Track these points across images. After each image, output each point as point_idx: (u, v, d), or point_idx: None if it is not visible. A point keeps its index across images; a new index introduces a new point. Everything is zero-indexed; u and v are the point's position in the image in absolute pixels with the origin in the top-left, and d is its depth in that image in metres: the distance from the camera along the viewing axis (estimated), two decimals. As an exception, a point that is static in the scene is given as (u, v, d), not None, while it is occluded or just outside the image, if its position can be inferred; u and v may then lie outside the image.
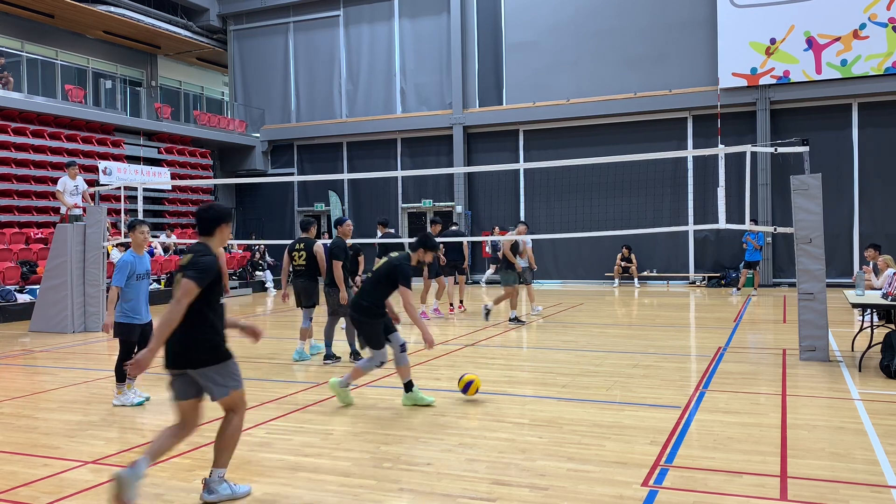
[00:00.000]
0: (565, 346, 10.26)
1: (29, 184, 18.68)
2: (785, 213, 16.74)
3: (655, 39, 20.81)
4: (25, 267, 15.89)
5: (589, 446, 5.34)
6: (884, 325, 8.43)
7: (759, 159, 19.26)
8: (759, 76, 19.36)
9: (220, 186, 26.07)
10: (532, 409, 6.59)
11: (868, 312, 8.71)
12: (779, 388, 7.21)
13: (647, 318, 13.06)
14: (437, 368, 8.58)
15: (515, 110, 22.28)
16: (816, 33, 18.80)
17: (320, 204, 24.98)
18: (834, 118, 19.33)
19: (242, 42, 26.38)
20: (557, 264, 22.05)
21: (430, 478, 4.74)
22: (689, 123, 20.76)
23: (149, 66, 27.16)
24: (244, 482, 4.68)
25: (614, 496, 4.35)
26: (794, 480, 4.56)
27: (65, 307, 12.41)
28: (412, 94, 23.85)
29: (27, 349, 10.88)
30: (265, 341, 11.14)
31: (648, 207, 20.24)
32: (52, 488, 4.68)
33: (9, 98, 18.60)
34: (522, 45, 22.28)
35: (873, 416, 6.02)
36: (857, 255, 18.86)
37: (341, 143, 24.93)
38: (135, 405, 6.93)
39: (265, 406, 6.80)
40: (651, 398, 6.85)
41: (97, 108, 21.90)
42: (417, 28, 23.68)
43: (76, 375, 8.64)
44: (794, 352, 9.06)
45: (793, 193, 8.78)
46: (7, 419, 6.54)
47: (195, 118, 24.91)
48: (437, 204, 23.50)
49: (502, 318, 13.50)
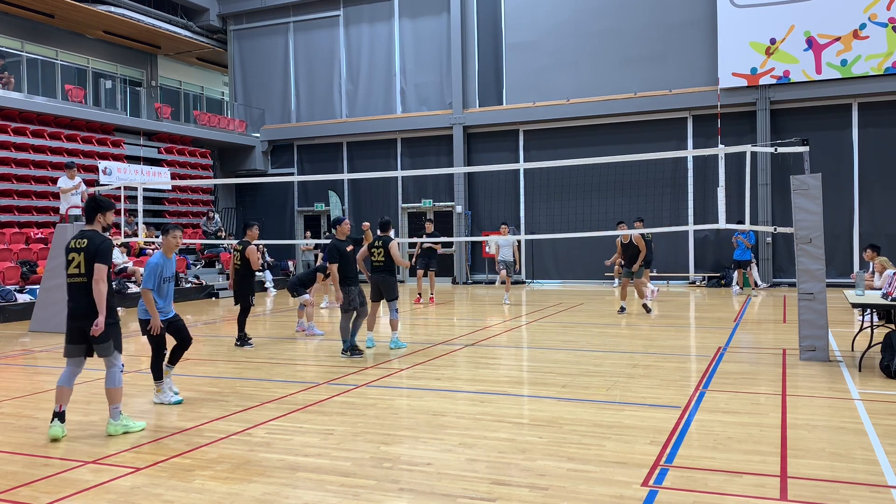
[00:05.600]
0: (565, 346, 10.26)
1: (29, 184, 18.68)
2: (785, 213, 16.76)
3: (655, 39, 20.81)
4: (25, 267, 15.89)
5: (589, 446, 5.34)
6: (884, 325, 8.43)
7: (759, 159, 19.26)
8: (759, 76, 19.36)
9: (220, 186, 26.07)
10: (532, 409, 6.59)
11: (868, 312, 8.71)
12: (779, 388, 7.21)
13: (646, 318, 13.06)
14: (438, 368, 8.58)
15: (515, 110, 22.28)
16: (816, 33, 18.80)
17: (320, 204, 24.97)
18: (834, 118, 19.33)
19: (242, 42, 26.38)
20: (557, 264, 22.05)
21: (430, 478, 4.74)
22: (689, 123, 20.76)
23: (149, 66, 27.16)
24: (244, 482, 4.69)
25: (614, 496, 4.35)
26: (794, 480, 4.56)
27: (65, 307, 12.35)
28: (412, 94, 23.85)
29: (27, 349, 10.88)
30: (265, 341, 11.14)
31: (648, 207, 20.24)
32: (52, 488, 4.68)
33: (9, 98, 18.60)
34: (522, 45, 22.28)
35: (873, 416, 6.02)
36: (857, 255, 18.86)
37: (341, 143, 24.93)
38: (171, 404, 6.93)
39: (265, 406, 6.80)
40: (651, 398, 6.85)
41: (97, 108, 21.90)
42: (417, 28, 23.68)
43: (76, 375, 8.62)
44: (794, 352, 9.06)
45: (793, 193, 8.78)
46: (7, 419, 6.54)
47: (195, 118, 24.91)
48: (437, 204, 23.50)
49: (501, 319, 13.53)
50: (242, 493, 4.51)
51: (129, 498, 4.48)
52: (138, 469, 5.01)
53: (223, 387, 7.77)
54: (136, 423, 6.04)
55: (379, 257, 10.05)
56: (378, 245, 10.07)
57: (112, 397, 5.97)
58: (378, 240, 10.13)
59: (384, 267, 10.04)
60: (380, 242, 10.07)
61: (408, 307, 15.73)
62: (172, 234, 7.08)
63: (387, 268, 10.05)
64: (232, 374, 8.55)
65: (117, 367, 5.99)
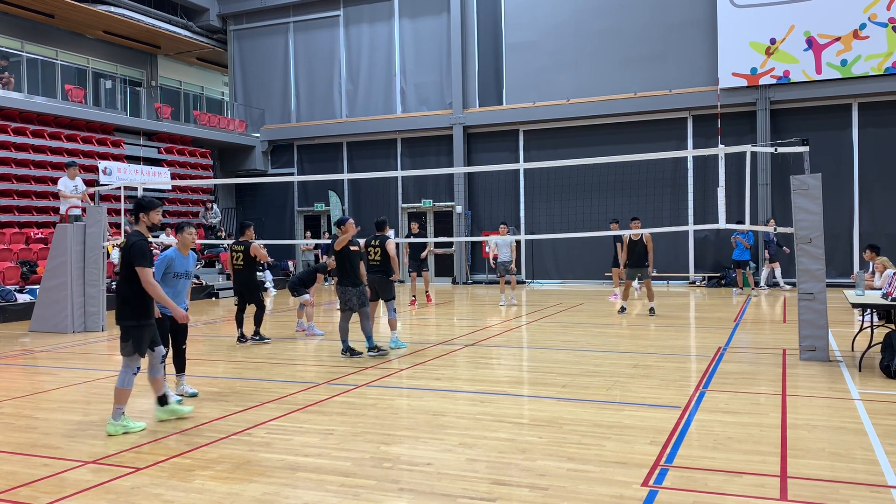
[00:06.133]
0: (565, 346, 10.26)
1: (29, 184, 18.68)
2: (785, 213, 16.75)
3: (655, 39, 20.81)
4: (25, 267, 15.90)
5: (589, 446, 5.34)
6: (884, 325, 8.43)
7: (759, 159, 19.26)
8: (759, 76, 19.36)
9: (220, 186, 26.07)
10: (532, 409, 6.59)
11: (868, 312, 8.71)
12: (779, 388, 7.21)
13: (646, 318, 13.06)
14: (438, 368, 8.58)
15: (515, 110, 22.28)
16: (816, 33, 18.80)
17: (320, 204, 24.98)
18: (834, 118, 19.33)
19: (242, 42, 26.38)
20: (557, 264, 22.06)
21: (430, 478, 4.74)
22: (689, 123, 20.76)
23: (149, 66, 27.16)
24: (244, 482, 4.69)
25: (614, 496, 4.35)
26: (794, 480, 4.55)
27: (65, 307, 12.42)
28: (412, 94, 23.85)
29: (27, 349, 10.88)
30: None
31: (648, 208, 20.24)
32: (52, 488, 4.68)
33: (9, 98, 18.61)
34: (522, 45, 22.28)
35: (873, 416, 6.02)
36: (857, 255, 18.86)
37: (341, 143, 24.93)
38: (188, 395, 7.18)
39: (265, 406, 6.80)
40: (651, 398, 6.85)
41: (97, 108, 21.90)
42: (417, 28, 23.68)
43: (76, 375, 8.64)
44: (794, 352, 9.06)
45: (793, 193, 8.78)
46: (7, 419, 6.54)
47: (195, 118, 24.91)
48: (437, 204, 23.51)
49: (501, 319, 13.52)
50: (242, 493, 4.51)
51: (129, 498, 4.48)
52: (138, 469, 5.01)
53: (223, 387, 7.77)
54: (135, 424, 6.05)
55: (375, 257, 9.99)
56: (375, 245, 10.02)
57: (116, 397, 6.00)
58: (375, 239, 10.08)
59: (380, 267, 9.99)
60: (377, 242, 10.02)
61: (404, 309, 15.72)
62: (188, 231, 7.10)
63: (383, 268, 9.99)
64: (232, 374, 8.55)
65: (130, 368, 6.03)
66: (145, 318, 6.06)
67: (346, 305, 9.36)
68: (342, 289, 9.36)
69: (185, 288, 7.11)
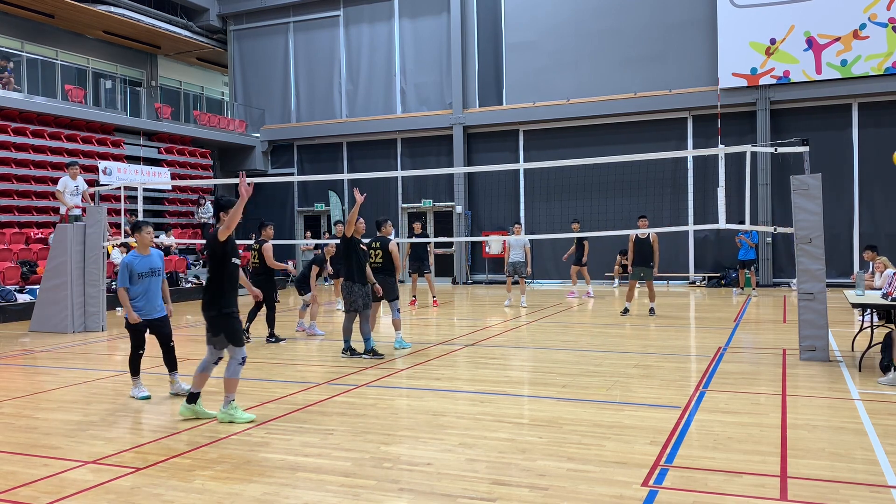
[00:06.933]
0: (565, 346, 10.26)
1: (29, 184, 18.67)
2: (785, 213, 16.75)
3: (655, 39, 20.81)
4: (25, 267, 15.89)
5: (589, 446, 5.34)
6: (884, 325, 8.43)
7: (759, 159, 19.26)
8: (759, 76, 19.36)
9: (220, 186, 26.07)
10: (532, 409, 6.59)
11: (868, 312, 8.71)
12: (779, 388, 7.21)
13: (646, 318, 13.06)
14: (438, 368, 8.58)
15: (515, 110, 22.28)
16: (816, 33, 18.80)
17: (320, 204, 24.98)
18: (834, 118, 19.33)
19: (242, 42, 26.38)
20: (557, 264, 22.03)
21: (430, 478, 4.74)
22: (689, 123, 20.76)
23: (149, 66, 27.16)
24: (244, 482, 4.69)
25: (614, 496, 4.35)
26: (794, 480, 4.56)
27: (65, 307, 12.41)
28: (412, 94, 23.85)
29: (27, 349, 10.87)
30: (265, 341, 11.17)
31: (648, 207, 20.23)
32: (52, 488, 4.68)
33: (9, 98, 18.60)
34: (522, 45, 22.28)
35: (873, 416, 6.02)
36: (857, 255, 18.85)
37: (341, 143, 24.93)
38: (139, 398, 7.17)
39: (265, 406, 6.80)
40: (651, 398, 6.85)
41: (97, 108, 21.90)
42: (417, 28, 23.68)
43: (76, 375, 8.64)
44: (794, 352, 9.06)
45: (793, 193, 8.78)
46: (7, 419, 6.54)
47: (195, 118, 24.90)
48: (437, 204, 23.50)
49: (501, 319, 13.52)
50: (242, 493, 4.51)
51: (129, 498, 4.48)
52: (138, 469, 5.01)
53: (223, 387, 7.75)
54: (243, 415, 6.23)
55: (377, 258, 9.94)
56: (376, 246, 9.99)
57: (224, 386, 6.30)
58: (376, 240, 10.04)
59: (382, 267, 9.94)
60: (377, 243, 9.99)
61: (405, 309, 15.72)
62: (146, 231, 7.23)
63: (385, 268, 9.94)
64: (232, 374, 8.54)
65: (235, 358, 6.30)
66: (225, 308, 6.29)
67: (352, 307, 9.28)
68: (348, 286, 9.24)
69: (156, 286, 7.23)
